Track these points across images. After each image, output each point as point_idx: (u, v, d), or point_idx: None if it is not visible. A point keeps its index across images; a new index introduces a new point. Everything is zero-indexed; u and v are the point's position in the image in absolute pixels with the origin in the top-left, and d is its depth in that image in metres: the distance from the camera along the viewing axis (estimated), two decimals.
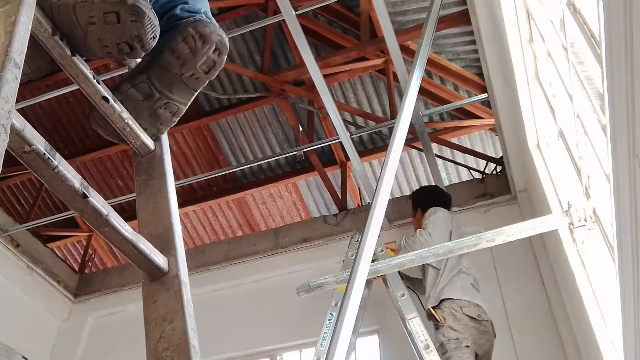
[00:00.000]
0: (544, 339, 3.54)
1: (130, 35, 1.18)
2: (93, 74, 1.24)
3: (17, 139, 0.88)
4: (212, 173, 5.25)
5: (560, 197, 3.04)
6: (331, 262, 4.29)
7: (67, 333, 5.19)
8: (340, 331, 1.91)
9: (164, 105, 1.40)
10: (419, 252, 2.85)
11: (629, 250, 1.59)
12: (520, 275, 3.87)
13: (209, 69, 1.40)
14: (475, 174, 4.93)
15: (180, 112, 1.44)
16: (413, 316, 3.23)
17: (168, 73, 1.37)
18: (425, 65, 2.87)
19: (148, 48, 1.22)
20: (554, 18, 2.61)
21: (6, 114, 0.80)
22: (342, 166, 5.62)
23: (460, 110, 5.35)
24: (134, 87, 1.37)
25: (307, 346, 4.22)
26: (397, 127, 2.46)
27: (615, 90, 1.43)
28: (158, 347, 1.02)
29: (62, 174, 0.94)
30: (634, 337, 1.76)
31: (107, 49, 1.20)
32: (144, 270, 1.12)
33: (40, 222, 5.44)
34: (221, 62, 1.41)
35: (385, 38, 3.46)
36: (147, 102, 1.38)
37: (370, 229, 2.17)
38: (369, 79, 5.57)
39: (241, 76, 5.58)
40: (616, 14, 1.28)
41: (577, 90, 2.40)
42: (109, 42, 1.19)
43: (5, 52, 0.83)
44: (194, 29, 1.36)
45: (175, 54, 1.36)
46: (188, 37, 1.35)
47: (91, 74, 1.24)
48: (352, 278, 2.06)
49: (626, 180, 1.48)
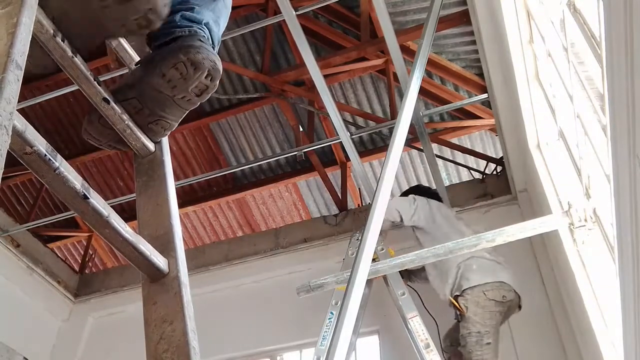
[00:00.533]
0: (544, 339, 3.54)
1: (143, 10, 1.23)
2: (93, 75, 1.24)
3: (18, 140, 0.88)
4: (212, 173, 5.25)
5: (560, 197, 3.04)
6: (331, 262, 4.29)
7: (67, 333, 5.19)
8: (340, 330, 1.91)
9: (154, 121, 1.38)
10: (419, 252, 2.84)
11: (629, 250, 1.59)
12: (520, 275, 3.86)
13: (201, 92, 1.37)
14: (475, 174, 4.93)
15: (172, 127, 1.42)
16: (413, 315, 3.23)
17: (159, 94, 1.34)
18: (425, 65, 2.87)
19: (164, 16, 1.28)
20: (554, 18, 2.61)
21: (8, 115, 0.80)
22: (342, 166, 5.62)
23: (460, 110, 5.35)
24: (126, 100, 1.33)
25: (307, 346, 4.22)
26: (397, 127, 2.46)
27: (615, 90, 1.43)
28: (158, 348, 1.02)
29: (63, 175, 0.94)
30: (634, 337, 1.76)
31: (125, 27, 1.26)
32: (144, 271, 1.12)
33: (40, 222, 5.44)
34: (213, 86, 1.38)
35: (385, 38, 3.46)
36: (138, 116, 1.36)
37: (370, 228, 2.17)
38: (369, 79, 5.57)
39: (241, 76, 5.58)
40: (616, 14, 1.28)
41: (577, 90, 2.40)
42: (125, 20, 1.23)
43: (6, 53, 0.83)
44: (185, 55, 1.30)
45: (166, 78, 1.31)
46: (179, 64, 1.30)
47: (91, 75, 1.24)
48: (352, 278, 2.06)
49: (626, 180, 1.48)
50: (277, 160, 6.04)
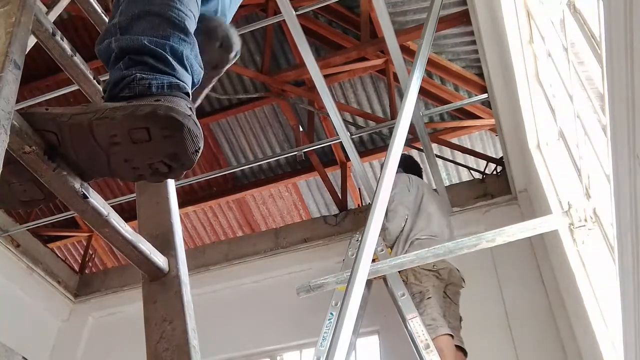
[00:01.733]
0: (544, 339, 3.54)
1: (164, 153, 0.94)
2: (93, 74, 1.24)
3: (17, 140, 0.88)
4: (212, 173, 5.25)
5: (560, 197, 3.04)
6: (331, 262, 4.29)
7: (67, 333, 5.19)
8: (340, 331, 1.90)
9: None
10: (419, 252, 2.84)
11: (629, 250, 1.59)
12: (520, 275, 3.87)
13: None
14: (475, 174, 4.93)
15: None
16: (413, 316, 3.23)
17: None
18: (425, 65, 2.86)
19: (189, 165, 0.97)
20: (554, 18, 2.61)
21: (6, 114, 0.80)
22: (342, 166, 5.62)
23: (460, 110, 5.35)
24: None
25: (307, 346, 4.22)
26: (397, 127, 2.45)
27: (615, 90, 1.42)
28: (158, 348, 1.02)
29: (62, 175, 0.94)
30: (634, 337, 1.76)
31: (137, 170, 0.96)
32: (144, 270, 1.11)
33: (40, 222, 5.44)
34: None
35: (385, 38, 3.46)
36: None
37: (370, 229, 2.17)
38: (369, 79, 5.57)
39: (241, 76, 5.58)
40: (616, 14, 1.28)
41: (577, 90, 2.40)
42: (139, 163, 0.95)
43: (5, 53, 0.83)
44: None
45: None
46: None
47: (91, 74, 1.24)
48: (352, 278, 2.06)
49: (626, 180, 1.48)
50: (277, 160, 6.03)
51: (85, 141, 0.93)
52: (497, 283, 3.88)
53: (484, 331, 3.59)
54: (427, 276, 3.37)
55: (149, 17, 1.04)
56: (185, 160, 0.95)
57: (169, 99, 0.95)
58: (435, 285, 3.36)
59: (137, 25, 1.03)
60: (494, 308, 3.77)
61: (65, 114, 0.93)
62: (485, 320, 3.68)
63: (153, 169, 0.96)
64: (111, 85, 1.01)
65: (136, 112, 0.91)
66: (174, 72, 1.02)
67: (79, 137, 0.93)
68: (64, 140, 0.93)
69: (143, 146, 0.92)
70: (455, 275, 3.48)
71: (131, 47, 1.01)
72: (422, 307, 3.25)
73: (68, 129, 0.92)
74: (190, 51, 1.07)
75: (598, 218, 2.53)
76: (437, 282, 3.38)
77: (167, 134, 0.91)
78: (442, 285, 3.41)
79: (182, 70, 1.04)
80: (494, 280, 3.89)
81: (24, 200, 1.05)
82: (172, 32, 1.05)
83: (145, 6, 1.06)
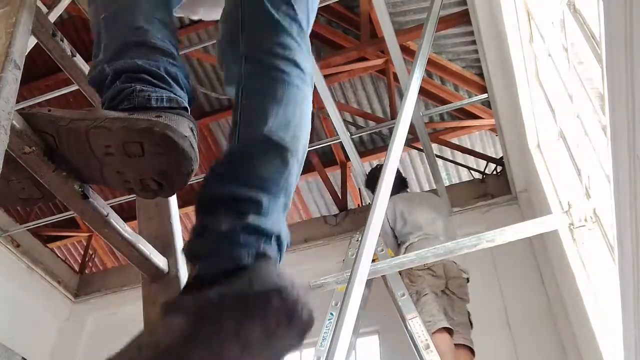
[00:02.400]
0: (544, 339, 3.54)
1: (156, 171, 0.92)
2: None
3: (16, 140, 0.88)
4: None
5: (560, 197, 3.04)
6: (331, 262, 4.28)
7: (67, 333, 5.19)
8: (340, 331, 1.90)
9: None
10: (419, 252, 2.84)
11: (629, 250, 1.59)
12: (520, 275, 3.87)
13: None
14: (475, 174, 4.93)
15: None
16: (413, 316, 3.23)
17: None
18: (425, 65, 2.86)
19: (180, 186, 0.95)
20: (554, 18, 2.61)
21: (6, 114, 0.80)
22: (342, 166, 5.62)
23: (460, 110, 5.35)
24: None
25: (306, 346, 4.21)
26: (397, 127, 2.45)
27: (615, 90, 1.42)
28: None
29: (62, 175, 0.94)
30: (634, 337, 1.76)
31: (128, 184, 0.95)
32: (144, 271, 1.11)
33: (40, 222, 5.44)
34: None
35: (385, 38, 3.46)
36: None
37: (370, 229, 2.17)
38: (369, 79, 5.56)
39: None
40: (616, 14, 1.28)
41: (577, 90, 2.40)
42: (130, 176, 0.94)
43: (5, 53, 0.83)
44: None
45: None
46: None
47: None
48: (352, 278, 2.06)
49: (626, 180, 1.48)
50: None
51: (80, 148, 0.92)
52: (497, 283, 3.88)
53: (484, 331, 3.58)
54: (421, 276, 3.41)
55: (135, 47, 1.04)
56: (175, 180, 0.93)
57: (170, 117, 0.94)
58: (430, 283, 3.38)
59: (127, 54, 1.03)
60: (494, 308, 3.77)
61: (65, 118, 0.93)
62: (485, 320, 3.68)
63: (144, 184, 0.94)
64: (109, 99, 0.99)
65: (133, 126, 0.90)
66: (171, 88, 1.02)
67: (75, 143, 0.92)
68: (61, 144, 0.92)
69: (136, 160, 0.91)
70: (452, 269, 3.47)
71: (127, 67, 1.01)
72: (420, 306, 3.28)
73: (65, 134, 0.92)
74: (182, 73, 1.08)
75: (598, 218, 2.53)
76: (433, 280, 3.39)
77: (160, 151, 0.90)
78: (441, 282, 3.41)
79: (178, 88, 1.04)
80: (494, 280, 3.89)
81: (23, 197, 1.06)
82: (161, 58, 1.05)
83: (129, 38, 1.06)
